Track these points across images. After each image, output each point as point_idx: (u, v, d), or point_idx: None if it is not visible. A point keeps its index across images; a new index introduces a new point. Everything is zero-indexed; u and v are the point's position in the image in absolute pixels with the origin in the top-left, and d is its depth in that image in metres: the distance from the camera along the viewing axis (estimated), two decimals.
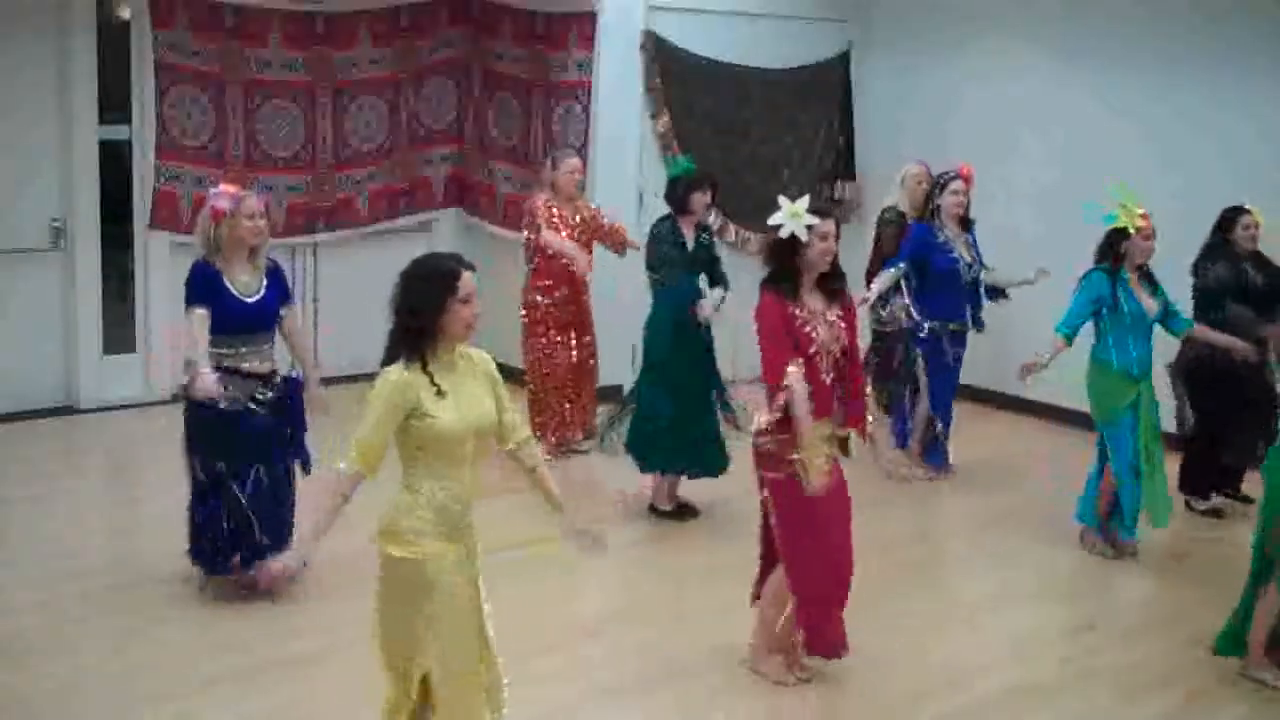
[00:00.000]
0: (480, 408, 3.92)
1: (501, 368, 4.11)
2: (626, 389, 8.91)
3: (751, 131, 9.75)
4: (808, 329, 4.92)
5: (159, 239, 8.62)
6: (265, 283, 5.68)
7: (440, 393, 3.81)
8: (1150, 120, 8.66)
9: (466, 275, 3.86)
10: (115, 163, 8.56)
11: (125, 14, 8.49)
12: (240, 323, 5.60)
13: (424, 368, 3.82)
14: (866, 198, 9.95)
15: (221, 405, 5.54)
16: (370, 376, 3.89)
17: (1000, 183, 8.04)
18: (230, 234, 5.55)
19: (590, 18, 8.94)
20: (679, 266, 6.87)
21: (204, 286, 5.55)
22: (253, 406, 5.62)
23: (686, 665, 5.42)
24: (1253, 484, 7.69)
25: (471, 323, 3.87)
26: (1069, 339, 6.56)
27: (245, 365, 5.64)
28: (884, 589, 5.46)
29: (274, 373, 5.75)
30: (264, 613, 5.62)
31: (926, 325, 7.76)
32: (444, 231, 9.85)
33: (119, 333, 8.70)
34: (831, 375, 4.99)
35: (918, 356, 7.84)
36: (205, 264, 5.58)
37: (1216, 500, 7.58)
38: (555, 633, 5.63)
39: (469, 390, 3.91)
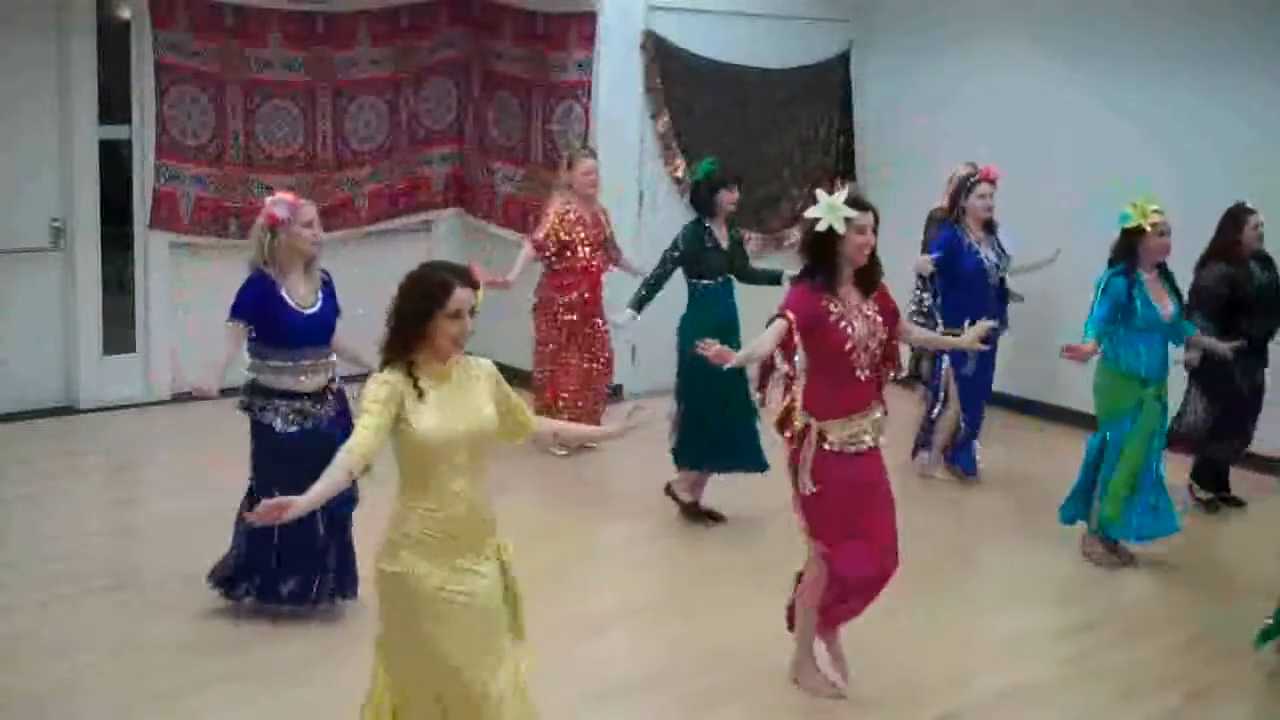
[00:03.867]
0: (476, 417, 3.83)
1: (504, 369, 4.07)
2: (626, 389, 8.95)
3: (751, 131, 9.75)
4: (843, 324, 4.81)
5: (159, 239, 8.62)
6: (321, 294, 5.55)
7: (421, 397, 3.74)
8: (1151, 119, 8.65)
9: (460, 292, 3.74)
10: (115, 163, 8.56)
11: (125, 14, 8.49)
12: (300, 335, 5.45)
13: (409, 372, 3.76)
14: (866, 197, 9.93)
15: (284, 430, 5.46)
16: (367, 377, 3.84)
17: (1001, 182, 8.04)
18: (287, 242, 5.41)
19: (590, 18, 8.94)
20: (720, 271, 6.88)
21: (255, 300, 5.41)
22: (308, 426, 5.49)
23: (686, 665, 5.42)
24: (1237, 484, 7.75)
25: (459, 339, 3.77)
26: (1099, 341, 6.44)
27: (302, 383, 5.49)
28: (885, 587, 5.44)
29: (328, 388, 5.59)
30: (264, 613, 5.61)
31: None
32: (444, 231, 9.86)
33: (119, 333, 8.70)
34: (868, 372, 4.88)
35: (944, 362, 7.77)
36: (263, 276, 5.42)
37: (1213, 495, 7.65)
38: (554, 632, 5.62)
39: (464, 400, 3.83)
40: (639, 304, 7.09)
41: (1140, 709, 5.27)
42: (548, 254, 7.82)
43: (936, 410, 7.87)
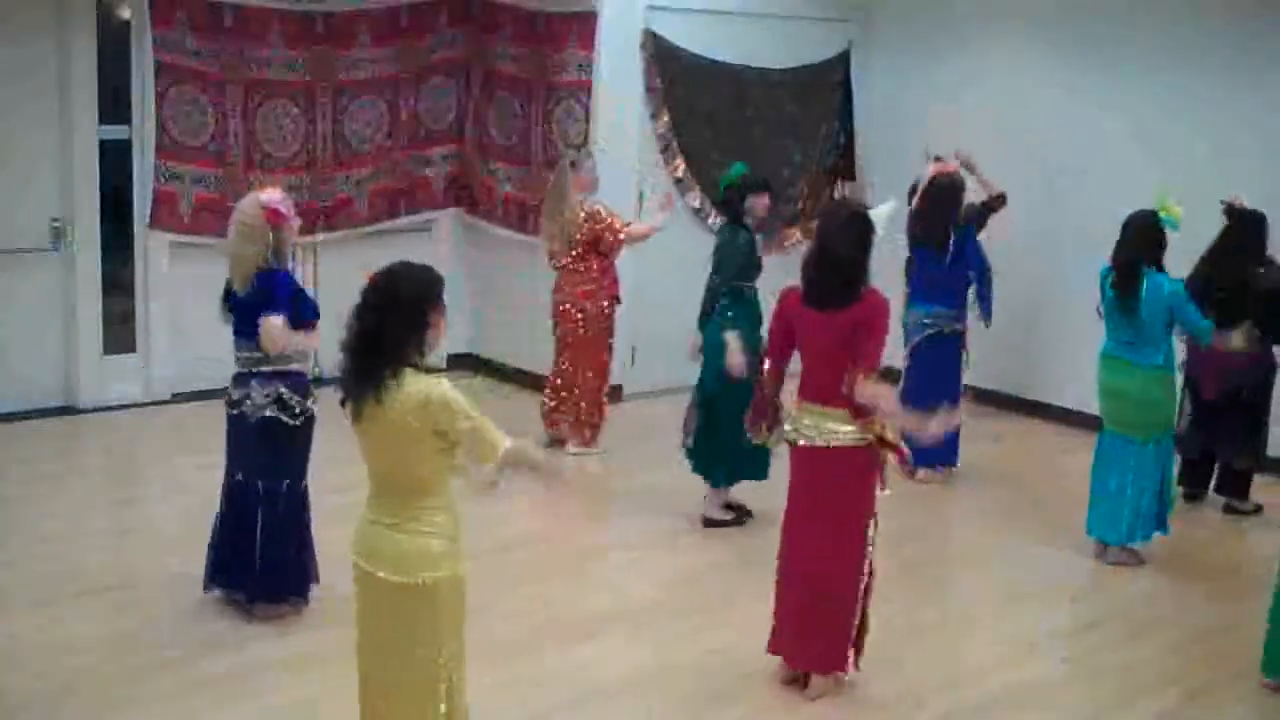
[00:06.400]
0: None
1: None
2: (625, 390, 8.94)
3: (752, 132, 9.75)
4: None
5: (159, 239, 8.62)
6: None
7: None
8: (1151, 120, 8.64)
9: None
10: (115, 163, 8.56)
11: (125, 14, 8.49)
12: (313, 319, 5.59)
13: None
14: (867, 197, 9.94)
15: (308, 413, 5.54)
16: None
17: (1000, 181, 8.04)
18: (287, 237, 5.49)
19: (590, 18, 8.93)
20: (757, 275, 6.86)
21: (291, 292, 5.47)
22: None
23: (682, 666, 5.42)
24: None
25: None
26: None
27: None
28: (884, 588, 5.45)
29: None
30: (264, 613, 5.61)
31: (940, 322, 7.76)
32: (444, 231, 9.84)
33: (119, 333, 8.70)
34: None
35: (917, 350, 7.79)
36: (282, 269, 5.46)
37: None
38: (553, 634, 5.63)
39: None
40: (704, 321, 6.85)
41: (1140, 709, 5.27)
42: (572, 256, 7.81)
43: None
